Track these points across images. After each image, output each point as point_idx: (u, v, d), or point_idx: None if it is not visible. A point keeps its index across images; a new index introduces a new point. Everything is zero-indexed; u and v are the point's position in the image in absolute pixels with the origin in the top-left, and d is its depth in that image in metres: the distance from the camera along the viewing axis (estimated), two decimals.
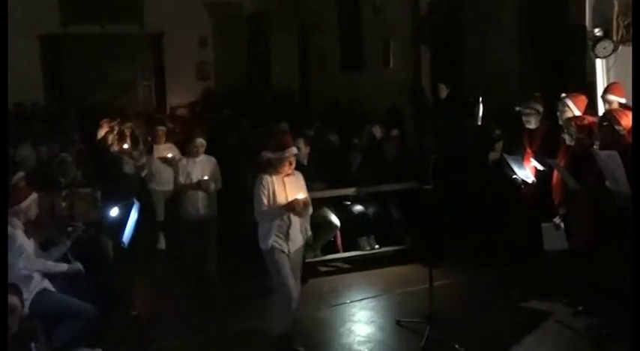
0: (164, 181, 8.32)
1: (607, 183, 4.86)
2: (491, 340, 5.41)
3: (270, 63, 14.98)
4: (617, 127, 5.13)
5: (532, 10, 8.59)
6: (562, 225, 5.68)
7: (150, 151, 8.57)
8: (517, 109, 6.70)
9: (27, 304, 4.93)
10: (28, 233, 5.12)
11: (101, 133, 11.14)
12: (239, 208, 7.43)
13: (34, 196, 5.23)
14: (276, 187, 5.11)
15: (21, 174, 6.43)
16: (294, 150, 5.24)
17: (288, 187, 5.14)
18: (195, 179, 6.74)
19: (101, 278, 6.48)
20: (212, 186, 6.78)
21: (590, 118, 5.73)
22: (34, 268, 5.02)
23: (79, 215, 6.18)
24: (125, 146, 9.25)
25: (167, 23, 14.94)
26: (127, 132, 9.81)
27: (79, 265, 5.27)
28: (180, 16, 14.90)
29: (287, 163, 5.16)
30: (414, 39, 10.61)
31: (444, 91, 9.16)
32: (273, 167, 5.18)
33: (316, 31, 13.76)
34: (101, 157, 9.87)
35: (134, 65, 15.50)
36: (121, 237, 5.54)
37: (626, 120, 5.13)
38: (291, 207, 5.06)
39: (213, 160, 6.94)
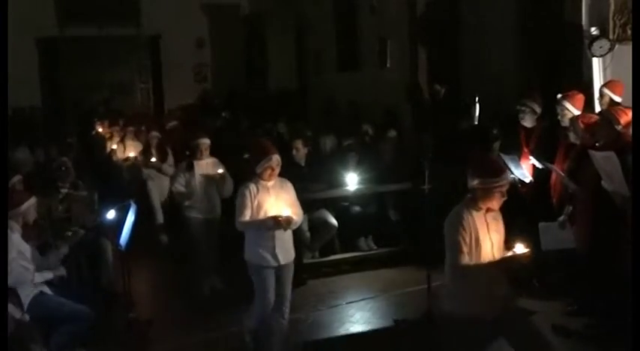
0: (211, 208, 6.75)
1: (603, 184, 4.86)
2: None
3: (268, 64, 14.98)
4: (616, 126, 5.13)
5: (528, 9, 8.59)
6: (568, 223, 5.64)
7: (189, 167, 6.75)
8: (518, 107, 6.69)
9: (24, 307, 4.93)
10: (25, 237, 5.12)
11: (100, 136, 11.08)
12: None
13: (33, 199, 5.21)
14: (478, 229, 3.97)
15: (18, 177, 6.40)
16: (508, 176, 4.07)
17: (491, 227, 4.05)
18: (270, 212, 4.97)
19: (99, 280, 6.50)
20: (294, 223, 5.07)
21: (595, 117, 5.73)
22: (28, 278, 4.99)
23: (77, 218, 6.18)
24: (153, 160, 8.62)
25: (164, 25, 14.92)
26: (153, 142, 8.91)
27: (63, 270, 5.26)
28: (177, 18, 14.89)
29: (500, 196, 4.00)
30: (411, 39, 10.62)
31: (439, 91, 9.17)
32: (474, 200, 4.00)
33: (313, 32, 13.77)
34: (100, 162, 9.81)
35: (131, 67, 15.48)
36: (118, 239, 5.54)
37: (626, 118, 5.13)
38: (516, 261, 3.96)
39: (289, 183, 5.20)
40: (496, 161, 4.24)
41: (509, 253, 3.92)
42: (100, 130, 11.22)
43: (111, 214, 5.66)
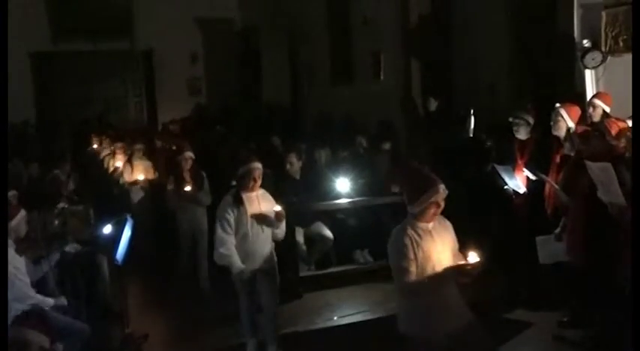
0: (265, 256, 5.26)
1: (599, 194, 4.88)
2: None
3: (262, 77, 15.03)
4: (608, 138, 5.16)
5: (521, 22, 8.66)
6: (563, 236, 5.65)
7: (237, 202, 5.15)
8: (510, 119, 6.73)
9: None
10: (19, 251, 5.10)
11: (97, 152, 10.93)
12: None
13: (22, 213, 5.21)
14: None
15: (12, 192, 6.38)
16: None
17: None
18: (441, 263, 3.79)
19: (95, 295, 6.47)
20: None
21: (589, 129, 5.77)
22: (25, 299, 4.95)
23: (72, 232, 6.16)
24: (187, 188, 7.14)
25: (158, 39, 14.98)
26: (186, 165, 7.27)
27: (63, 300, 5.20)
28: (171, 32, 14.94)
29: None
30: (404, 51, 10.67)
31: (433, 104, 9.22)
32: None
33: (307, 45, 13.83)
34: (97, 178, 9.69)
35: (125, 82, 15.53)
36: (115, 254, 5.52)
37: (617, 130, 5.16)
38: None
39: (448, 222, 4.03)
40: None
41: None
42: (97, 145, 11.05)
43: (107, 229, 5.64)
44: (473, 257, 3.66)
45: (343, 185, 7.40)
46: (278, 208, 5.20)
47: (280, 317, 6.43)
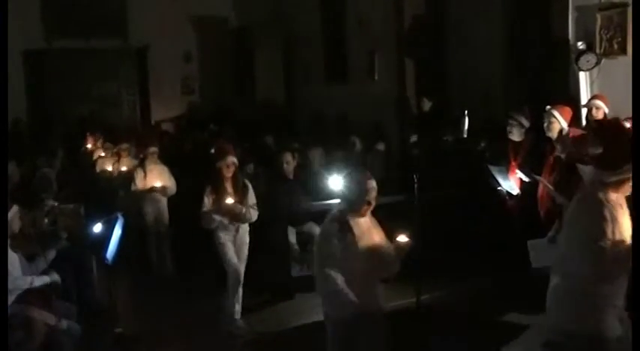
0: (372, 297, 4.26)
1: None
2: None
3: (256, 77, 15.01)
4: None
5: (516, 24, 8.66)
6: (557, 238, 5.62)
7: (345, 229, 4.15)
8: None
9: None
10: (13, 247, 5.06)
11: (90, 149, 10.84)
12: None
13: (15, 208, 5.19)
14: None
15: None
16: None
17: None
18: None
19: (85, 294, 6.43)
20: None
21: (582, 131, 5.77)
22: (19, 286, 4.94)
23: (62, 230, 6.11)
24: (229, 201, 5.80)
25: (152, 37, 14.93)
26: (227, 172, 5.87)
27: (56, 276, 5.20)
28: (164, 31, 14.89)
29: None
30: (398, 52, 10.67)
31: (426, 105, 9.22)
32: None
33: (301, 45, 13.81)
34: (86, 174, 9.65)
35: (118, 80, 15.44)
36: (105, 253, 5.48)
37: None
38: None
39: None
40: None
41: None
42: (91, 144, 10.93)
43: (97, 228, 5.60)
44: None
45: (336, 185, 7.36)
46: (404, 239, 4.18)
47: (272, 318, 6.44)
